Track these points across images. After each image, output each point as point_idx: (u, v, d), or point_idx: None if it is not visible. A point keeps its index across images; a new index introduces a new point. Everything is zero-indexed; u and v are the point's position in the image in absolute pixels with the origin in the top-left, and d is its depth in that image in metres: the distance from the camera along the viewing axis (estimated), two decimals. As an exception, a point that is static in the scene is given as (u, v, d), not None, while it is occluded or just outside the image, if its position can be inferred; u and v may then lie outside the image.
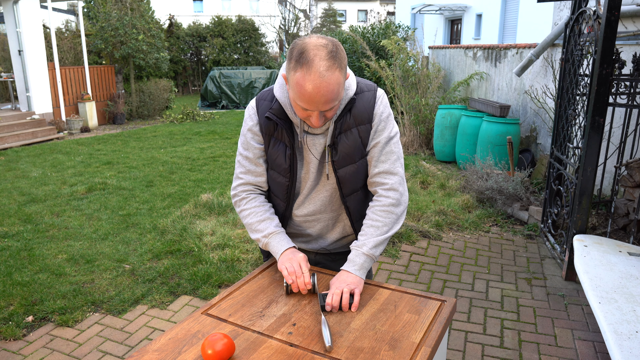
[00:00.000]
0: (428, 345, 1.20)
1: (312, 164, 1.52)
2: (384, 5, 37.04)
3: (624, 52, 4.10)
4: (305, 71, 1.24)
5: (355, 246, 1.48)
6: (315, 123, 1.35)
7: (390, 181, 1.50)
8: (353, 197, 1.55)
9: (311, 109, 1.31)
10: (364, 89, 1.49)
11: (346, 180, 1.51)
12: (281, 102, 1.44)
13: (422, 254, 3.81)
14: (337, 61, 1.27)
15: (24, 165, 6.76)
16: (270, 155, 1.53)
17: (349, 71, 1.44)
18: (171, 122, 11.03)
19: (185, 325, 1.30)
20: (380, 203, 1.50)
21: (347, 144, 1.46)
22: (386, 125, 1.49)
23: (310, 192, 1.56)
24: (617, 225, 3.81)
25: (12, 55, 9.18)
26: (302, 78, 1.25)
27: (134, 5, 11.17)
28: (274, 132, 1.49)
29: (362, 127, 1.47)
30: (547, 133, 5.57)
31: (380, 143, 1.49)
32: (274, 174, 1.56)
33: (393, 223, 1.49)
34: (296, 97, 1.30)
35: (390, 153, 1.49)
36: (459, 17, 15.96)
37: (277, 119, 1.45)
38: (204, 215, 4.54)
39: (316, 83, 1.24)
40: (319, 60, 1.24)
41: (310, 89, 1.25)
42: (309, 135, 1.48)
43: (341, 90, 1.32)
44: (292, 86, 1.31)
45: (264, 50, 19.52)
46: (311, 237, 1.65)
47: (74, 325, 2.83)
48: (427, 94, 7.51)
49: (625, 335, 1.97)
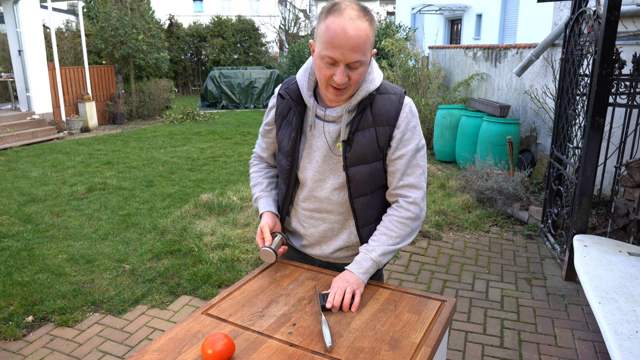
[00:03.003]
0: (428, 345, 1.20)
1: (320, 152, 1.49)
2: (383, 5, 37.00)
3: (624, 52, 4.10)
4: (335, 16, 1.28)
5: (365, 250, 1.47)
6: (339, 80, 1.31)
7: (414, 195, 1.47)
8: (362, 200, 1.51)
9: (337, 57, 1.29)
10: (390, 91, 1.46)
11: (356, 180, 1.47)
12: (299, 84, 1.48)
13: (422, 254, 3.81)
14: (369, 16, 1.31)
15: (24, 165, 6.76)
16: (279, 137, 1.57)
17: (374, 63, 1.45)
18: (171, 122, 11.03)
19: (185, 325, 1.29)
20: (399, 214, 1.47)
21: (363, 143, 1.43)
22: (413, 136, 1.44)
23: (315, 185, 1.52)
24: (617, 225, 3.81)
25: (12, 55, 9.18)
26: (332, 22, 1.28)
27: (134, 5, 11.17)
28: (287, 114, 1.53)
29: (381, 129, 1.43)
30: (547, 133, 5.57)
31: (407, 155, 1.44)
32: (279, 155, 1.60)
33: (406, 236, 1.48)
34: (323, 46, 1.30)
35: (417, 167, 1.46)
36: (459, 17, 15.96)
37: (290, 98, 1.48)
38: (204, 215, 4.54)
39: (345, 25, 1.27)
40: (350, 9, 1.29)
41: (338, 31, 1.27)
42: (323, 122, 1.47)
43: (369, 46, 1.32)
44: (319, 37, 1.32)
45: (264, 50, 19.53)
46: (314, 238, 1.60)
47: (74, 325, 2.83)
48: (427, 94, 7.51)
49: (625, 335, 1.97)
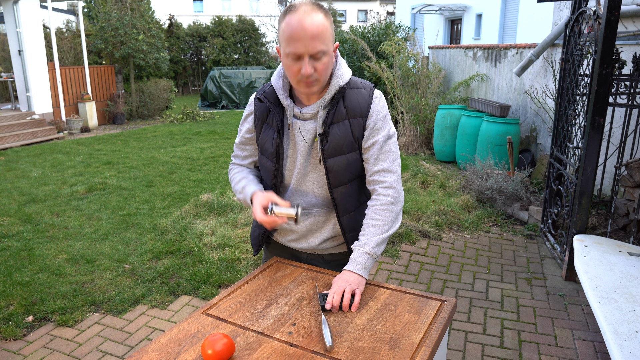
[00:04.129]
0: (428, 345, 1.20)
1: (301, 150, 1.54)
2: (383, 5, 37.00)
3: (624, 52, 4.10)
4: (291, 14, 1.34)
5: (357, 246, 1.49)
6: (305, 71, 1.36)
7: (389, 179, 1.52)
8: (341, 190, 1.56)
9: (299, 50, 1.34)
10: (360, 85, 1.53)
11: (334, 171, 1.52)
12: (275, 87, 1.52)
13: (422, 254, 3.81)
14: (323, 10, 1.36)
15: (24, 165, 6.76)
16: (260, 141, 1.60)
17: (342, 59, 1.51)
18: (171, 122, 11.03)
19: (185, 325, 1.30)
20: (379, 202, 1.52)
21: (339, 135, 1.49)
22: (384, 125, 1.52)
23: (299, 181, 1.58)
24: (617, 225, 3.81)
25: (12, 55, 9.18)
26: (290, 19, 1.34)
27: (134, 5, 11.17)
28: (266, 118, 1.56)
29: (355, 121, 1.50)
30: (547, 133, 5.57)
31: (379, 142, 1.51)
32: (262, 159, 1.62)
33: (392, 222, 1.52)
34: (285, 44, 1.35)
35: (389, 152, 1.53)
36: (459, 17, 15.96)
37: (268, 101, 1.53)
38: (204, 215, 4.54)
39: (300, 19, 1.32)
40: (304, 6, 1.35)
41: (296, 24, 1.32)
42: (300, 121, 1.52)
43: (328, 36, 1.36)
44: (281, 38, 1.38)
45: (264, 50, 19.52)
46: (300, 233, 1.64)
47: (74, 325, 2.83)
48: (427, 94, 7.51)
49: (625, 335, 1.97)
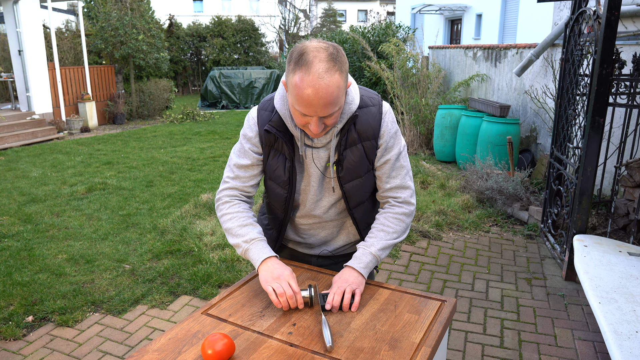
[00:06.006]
0: (428, 345, 1.20)
1: (314, 177, 1.51)
2: (383, 5, 37.02)
3: (624, 52, 4.10)
4: (304, 72, 1.21)
5: (363, 245, 1.49)
6: (314, 130, 1.30)
7: (403, 195, 1.52)
8: (360, 208, 1.57)
9: (310, 114, 1.26)
10: (369, 103, 1.45)
11: (352, 194, 1.51)
12: (281, 114, 1.41)
13: (422, 254, 3.81)
14: (338, 64, 1.23)
15: (24, 165, 6.76)
16: (269, 166, 1.50)
17: (351, 80, 1.40)
18: (171, 122, 11.03)
19: (185, 325, 1.29)
20: (393, 211, 1.52)
21: (353, 160, 1.45)
22: (395, 142, 1.49)
23: (313, 206, 1.56)
24: (617, 225, 3.81)
25: (12, 55, 9.18)
26: (301, 80, 1.21)
27: (134, 5, 11.16)
28: (274, 143, 1.46)
29: (367, 143, 1.45)
30: (547, 133, 5.57)
31: (392, 160, 1.49)
32: (272, 184, 1.53)
33: (402, 231, 1.52)
34: (294, 101, 1.26)
35: (401, 168, 1.51)
36: (459, 17, 15.96)
37: (277, 131, 1.42)
38: (204, 215, 4.54)
39: (315, 85, 1.20)
40: (319, 62, 1.20)
41: (309, 92, 1.21)
42: (311, 149, 1.46)
43: (341, 95, 1.27)
44: (290, 90, 1.27)
45: (264, 50, 19.54)
46: (314, 244, 1.66)
47: (74, 325, 2.83)
48: (427, 94, 7.51)
49: (625, 335, 1.97)
